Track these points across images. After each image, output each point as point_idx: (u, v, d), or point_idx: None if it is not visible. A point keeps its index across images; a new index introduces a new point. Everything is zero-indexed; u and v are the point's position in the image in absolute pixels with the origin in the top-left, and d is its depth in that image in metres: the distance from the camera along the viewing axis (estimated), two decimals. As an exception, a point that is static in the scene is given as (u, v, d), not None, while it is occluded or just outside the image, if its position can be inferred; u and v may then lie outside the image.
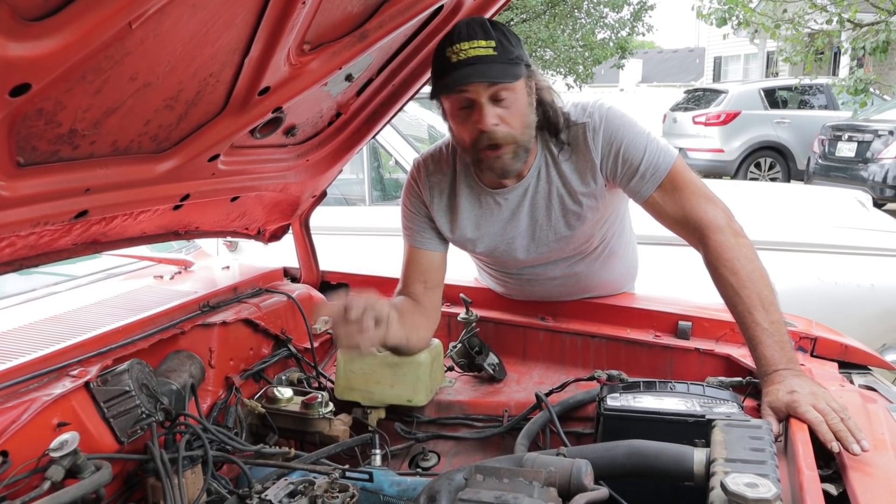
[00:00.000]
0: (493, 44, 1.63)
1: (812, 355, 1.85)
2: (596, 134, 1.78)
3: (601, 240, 1.99)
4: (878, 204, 7.63)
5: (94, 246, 1.60)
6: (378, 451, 1.74)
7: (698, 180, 1.81)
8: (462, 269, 2.25)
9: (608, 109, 1.80)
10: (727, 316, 1.72)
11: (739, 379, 1.70)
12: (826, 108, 12.45)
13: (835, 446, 1.30)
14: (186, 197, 1.68)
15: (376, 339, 1.57)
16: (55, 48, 0.95)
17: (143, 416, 1.44)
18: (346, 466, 1.52)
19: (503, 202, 1.88)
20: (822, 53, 11.49)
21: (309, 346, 2.10)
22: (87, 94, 1.14)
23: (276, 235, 2.37)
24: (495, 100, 1.66)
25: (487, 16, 1.88)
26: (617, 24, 19.01)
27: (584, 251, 1.99)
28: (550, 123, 1.80)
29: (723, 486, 1.04)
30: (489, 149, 1.70)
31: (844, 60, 14.67)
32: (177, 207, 1.70)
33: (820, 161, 10.46)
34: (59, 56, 0.97)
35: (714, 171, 12.08)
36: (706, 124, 12.41)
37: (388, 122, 2.13)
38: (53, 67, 0.99)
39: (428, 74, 1.96)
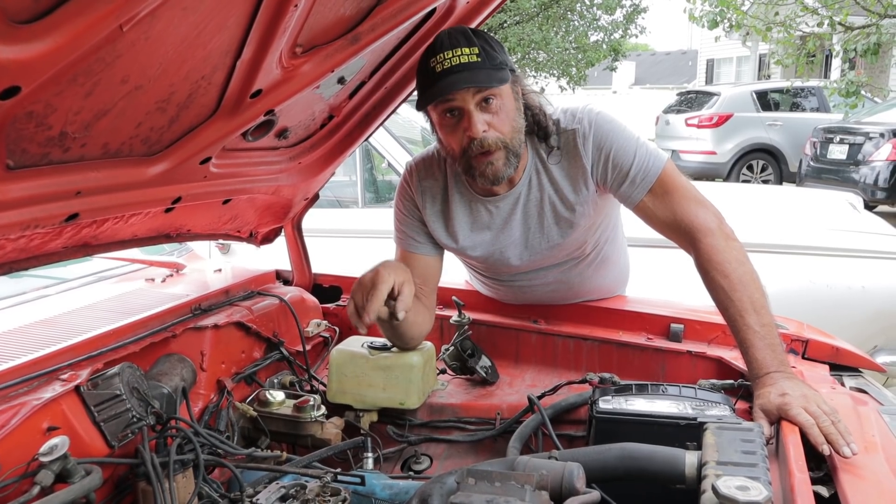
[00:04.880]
0: (476, 50, 1.63)
1: (803, 357, 1.86)
2: (586, 140, 1.78)
3: (594, 246, 2.00)
4: (869, 206, 7.67)
5: (85, 249, 1.60)
6: (370, 454, 1.74)
7: (689, 184, 1.81)
8: (454, 272, 2.25)
9: (597, 115, 1.81)
10: (719, 318, 1.73)
11: (731, 381, 1.70)
12: (818, 110, 12.52)
13: (825, 449, 1.31)
14: (178, 200, 1.67)
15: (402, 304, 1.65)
16: (45, 51, 0.95)
17: (134, 419, 1.44)
18: (338, 470, 1.52)
19: (494, 210, 1.88)
20: (813, 56, 11.53)
21: (301, 350, 2.10)
22: (78, 97, 1.13)
23: (268, 238, 2.37)
24: (483, 106, 1.66)
25: (480, 18, 1.88)
26: (610, 27, 19.03)
27: (577, 257, 1.99)
28: (540, 127, 1.80)
29: (714, 489, 1.04)
30: (480, 155, 1.70)
31: (836, 63, 14.75)
32: (168, 210, 1.69)
33: (812, 163, 10.51)
34: (50, 59, 0.97)
35: (706, 174, 12.13)
36: (699, 126, 12.46)
37: (381, 124, 2.12)
38: (44, 70, 0.99)
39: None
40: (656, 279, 2.94)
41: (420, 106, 1.73)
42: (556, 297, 2.10)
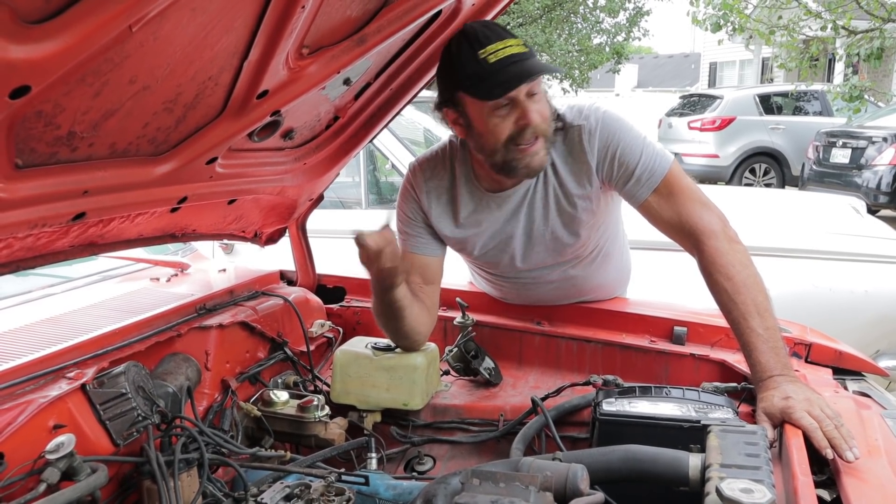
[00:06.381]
0: (520, 41, 1.65)
1: (806, 361, 1.86)
2: (592, 137, 1.79)
3: (596, 243, 2.00)
4: (871, 210, 7.65)
5: (92, 248, 1.60)
6: (374, 454, 1.74)
7: (694, 185, 1.82)
8: (457, 273, 2.26)
9: (604, 112, 1.82)
10: (722, 321, 1.73)
11: (734, 384, 1.71)
12: (821, 114, 12.49)
13: (829, 453, 1.31)
14: (184, 199, 1.68)
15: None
16: (55, 51, 0.95)
17: (140, 418, 1.44)
18: (342, 470, 1.53)
19: (503, 205, 1.89)
20: (816, 60, 11.52)
21: (305, 350, 2.10)
22: (87, 97, 1.14)
23: (272, 238, 2.37)
24: (529, 95, 1.68)
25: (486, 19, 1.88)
26: (613, 29, 19.06)
27: (580, 255, 1.99)
28: None
29: (718, 492, 1.04)
30: (526, 146, 1.70)
31: (839, 67, 14.74)
32: (174, 210, 1.70)
33: (814, 167, 10.50)
34: (59, 59, 0.98)
35: (709, 177, 12.12)
36: (701, 130, 12.44)
37: (386, 125, 2.13)
38: (53, 70, 0.99)
39: (426, 78, 1.97)
40: (658, 282, 2.94)
41: (483, 95, 1.68)
42: (560, 294, 2.10)
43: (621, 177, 1.80)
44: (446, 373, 2.09)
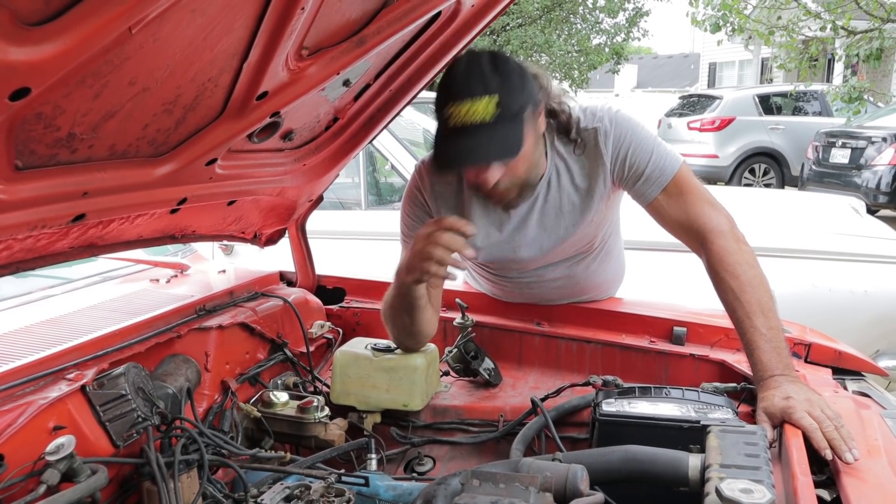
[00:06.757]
0: (494, 100, 1.56)
1: (806, 361, 1.86)
2: (607, 137, 1.80)
3: (601, 240, 2.02)
4: (871, 210, 7.66)
5: (91, 249, 1.60)
6: (374, 455, 1.74)
7: (702, 186, 1.84)
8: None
9: (617, 113, 1.84)
10: (722, 322, 1.73)
11: (734, 385, 1.71)
12: (820, 114, 12.50)
13: (828, 454, 1.31)
14: (183, 201, 1.68)
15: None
16: (55, 53, 0.95)
17: (139, 419, 1.44)
18: (342, 471, 1.52)
19: (513, 213, 1.89)
20: (816, 60, 11.53)
21: (305, 351, 2.10)
22: (86, 99, 1.14)
23: (272, 239, 2.37)
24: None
25: (485, 21, 1.87)
26: (612, 30, 19.10)
27: (584, 252, 2.00)
28: (564, 130, 1.81)
29: (718, 492, 1.05)
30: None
31: (838, 68, 14.75)
32: (174, 211, 1.70)
33: (814, 167, 10.51)
34: (59, 60, 0.97)
35: (708, 177, 12.11)
36: (701, 130, 12.44)
37: (385, 127, 2.13)
38: (53, 72, 0.99)
39: (425, 80, 1.97)
40: (656, 282, 2.94)
41: (434, 158, 1.69)
42: (562, 293, 2.10)
43: (632, 176, 1.81)
44: (446, 373, 2.09)
